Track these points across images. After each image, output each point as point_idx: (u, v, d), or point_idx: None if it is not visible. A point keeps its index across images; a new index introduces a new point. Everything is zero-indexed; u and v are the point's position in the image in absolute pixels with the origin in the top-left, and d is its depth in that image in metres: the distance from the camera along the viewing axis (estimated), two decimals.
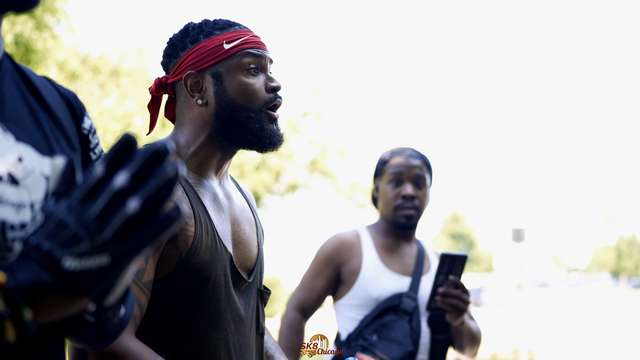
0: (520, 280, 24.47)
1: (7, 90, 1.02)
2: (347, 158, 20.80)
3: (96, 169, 0.80)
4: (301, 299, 2.74)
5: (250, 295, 1.76)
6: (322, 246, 2.77)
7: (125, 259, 0.80)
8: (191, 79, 1.72)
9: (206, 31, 1.74)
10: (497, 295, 36.66)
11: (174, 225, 0.80)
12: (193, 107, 1.74)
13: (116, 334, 1.09)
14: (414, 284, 2.64)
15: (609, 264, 70.51)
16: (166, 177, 0.79)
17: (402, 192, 2.66)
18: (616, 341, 17.18)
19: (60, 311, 0.84)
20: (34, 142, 1.01)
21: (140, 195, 0.78)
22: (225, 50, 1.71)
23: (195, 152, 1.72)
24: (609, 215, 74.49)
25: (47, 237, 0.79)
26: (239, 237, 1.77)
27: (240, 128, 1.70)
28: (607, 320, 25.27)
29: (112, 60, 13.97)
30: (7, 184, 0.95)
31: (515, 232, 18.14)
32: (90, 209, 0.78)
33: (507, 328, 19.45)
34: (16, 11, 0.97)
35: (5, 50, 1.07)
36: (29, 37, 10.59)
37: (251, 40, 1.74)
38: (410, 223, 2.69)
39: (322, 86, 20.56)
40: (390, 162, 2.72)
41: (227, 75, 1.71)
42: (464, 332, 2.55)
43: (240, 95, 1.70)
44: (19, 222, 0.95)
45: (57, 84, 1.17)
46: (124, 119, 12.56)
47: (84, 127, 1.16)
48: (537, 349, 14.46)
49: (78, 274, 0.79)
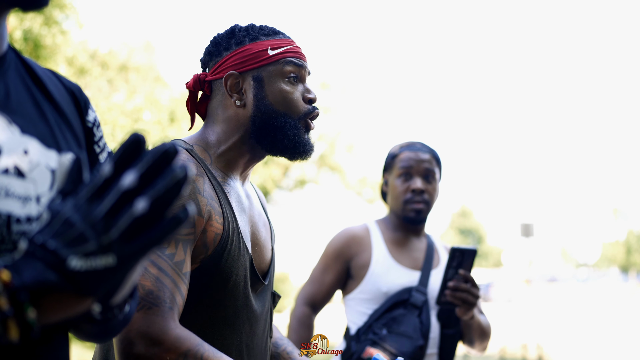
0: (529, 276, 24.41)
1: (11, 83, 1.01)
2: (355, 153, 20.81)
3: (104, 168, 0.79)
4: (311, 293, 2.74)
5: (265, 298, 1.78)
6: (332, 240, 2.77)
7: (132, 259, 0.79)
8: (232, 79, 1.73)
9: (252, 35, 1.75)
10: (505, 290, 36.63)
11: (181, 226, 0.79)
12: (229, 107, 1.74)
13: (120, 330, 1.08)
14: (423, 278, 2.64)
15: (618, 259, 70.25)
16: (175, 178, 0.78)
17: (412, 186, 2.65)
18: (625, 336, 17.13)
19: (64, 311, 0.83)
20: (40, 134, 1.01)
21: (149, 195, 0.77)
22: (270, 56, 1.73)
23: (225, 151, 1.73)
24: (618, 210, 74.09)
25: (53, 236, 0.78)
26: (256, 240, 1.78)
27: (277, 132, 1.72)
28: (616, 316, 25.21)
29: (121, 56, 13.99)
30: (14, 177, 0.94)
31: (524, 227, 18.07)
32: (97, 209, 0.77)
33: (516, 323, 19.42)
34: (23, 9, 0.96)
35: (10, 43, 1.06)
36: (37, 32, 10.61)
37: (294, 50, 1.76)
38: (420, 217, 2.68)
39: (331, 81, 20.55)
40: (400, 157, 2.71)
41: (268, 80, 1.73)
42: (474, 327, 2.55)
43: (279, 101, 1.72)
44: (25, 215, 0.95)
45: (62, 77, 1.17)
46: (133, 114, 12.57)
47: (88, 120, 1.16)
48: (545, 344, 14.42)
49: (83, 274, 0.78)
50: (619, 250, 70.44)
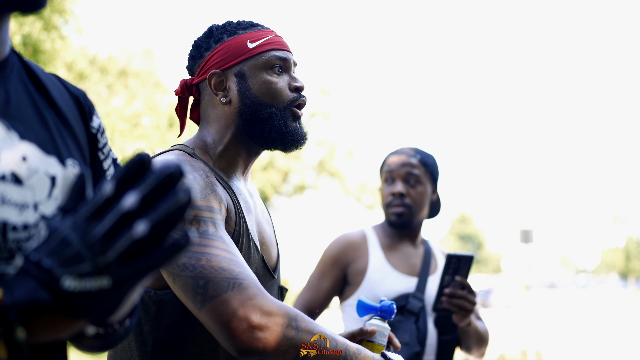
0: (528, 282, 24.40)
1: (12, 88, 1.00)
2: (355, 159, 20.82)
3: (106, 187, 0.77)
4: (308, 300, 2.73)
5: (273, 293, 1.78)
6: (328, 247, 2.76)
7: (127, 283, 0.77)
8: (215, 78, 1.73)
9: (229, 31, 1.75)
10: (505, 296, 36.54)
11: (181, 252, 0.77)
12: (217, 106, 1.74)
13: (120, 342, 1.07)
14: (420, 284, 2.63)
15: (618, 265, 70.14)
16: (178, 203, 0.76)
17: (392, 190, 2.66)
18: (625, 343, 17.10)
19: (55, 331, 0.81)
20: (39, 140, 0.99)
21: (150, 218, 0.75)
22: (249, 49, 1.72)
23: (223, 151, 1.73)
24: (617, 216, 74.10)
25: (49, 254, 0.76)
26: (263, 237, 1.79)
27: (264, 124, 1.71)
28: (616, 322, 25.16)
29: (120, 61, 14.00)
30: (11, 184, 0.92)
31: (523, 233, 18.08)
32: (96, 228, 0.76)
33: (515, 329, 19.38)
34: (22, 11, 0.95)
35: (12, 47, 1.05)
36: (37, 37, 10.63)
37: (274, 41, 1.75)
38: (401, 221, 2.66)
39: (330, 87, 20.56)
40: (386, 162, 2.74)
41: (250, 73, 1.72)
42: (471, 333, 2.54)
43: (264, 93, 1.71)
44: (22, 223, 0.93)
45: (66, 82, 1.15)
46: (132, 119, 12.57)
47: (92, 126, 1.14)
48: (545, 351, 14.40)
49: (76, 295, 0.76)
50: (618, 257, 70.37)
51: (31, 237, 0.94)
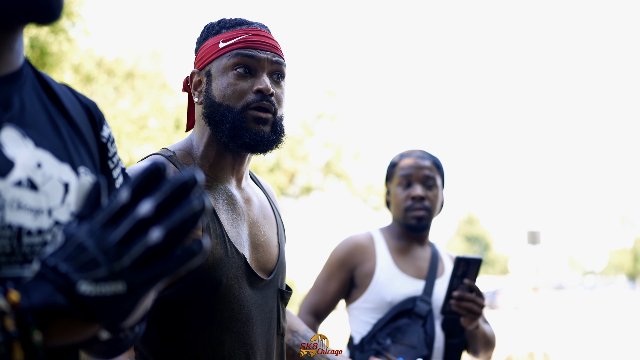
0: (535, 283, 24.26)
1: (27, 97, 1.02)
2: (361, 160, 20.78)
3: (121, 194, 0.79)
4: (314, 302, 2.73)
5: (268, 296, 1.74)
6: (335, 249, 2.76)
7: (142, 288, 0.79)
8: (194, 77, 1.75)
9: (215, 30, 1.75)
10: (512, 298, 36.47)
11: (195, 259, 0.79)
12: (198, 106, 1.76)
13: (129, 348, 1.09)
14: (428, 287, 2.63)
15: (626, 267, 69.93)
16: (192, 210, 0.78)
17: (412, 193, 2.65)
18: (632, 344, 17.04)
19: (71, 335, 0.83)
20: (53, 148, 1.02)
21: (164, 225, 0.77)
22: (219, 49, 1.71)
23: (203, 152, 1.73)
24: (625, 217, 73.79)
25: (66, 259, 0.78)
26: (257, 240, 1.76)
27: (216, 127, 1.69)
28: (624, 324, 25.07)
29: (127, 63, 14.03)
30: (27, 189, 0.94)
31: (530, 234, 18.01)
32: (112, 235, 0.78)
33: (523, 331, 19.33)
34: (37, 23, 0.97)
35: (26, 58, 1.08)
36: (44, 40, 10.66)
37: (247, 40, 1.70)
38: (422, 224, 2.67)
39: (337, 88, 20.54)
40: (400, 165, 2.72)
41: (215, 74, 1.71)
42: (478, 336, 2.54)
43: (222, 94, 1.68)
44: (36, 227, 0.95)
45: (78, 93, 1.18)
46: (139, 121, 12.61)
47: (102, 136, 1.17)
48: (552, 352, 14.37)
49: (92, 299, 0.78)
50: (626, 258, 70.14)
51: (45, 242, 0.96)
